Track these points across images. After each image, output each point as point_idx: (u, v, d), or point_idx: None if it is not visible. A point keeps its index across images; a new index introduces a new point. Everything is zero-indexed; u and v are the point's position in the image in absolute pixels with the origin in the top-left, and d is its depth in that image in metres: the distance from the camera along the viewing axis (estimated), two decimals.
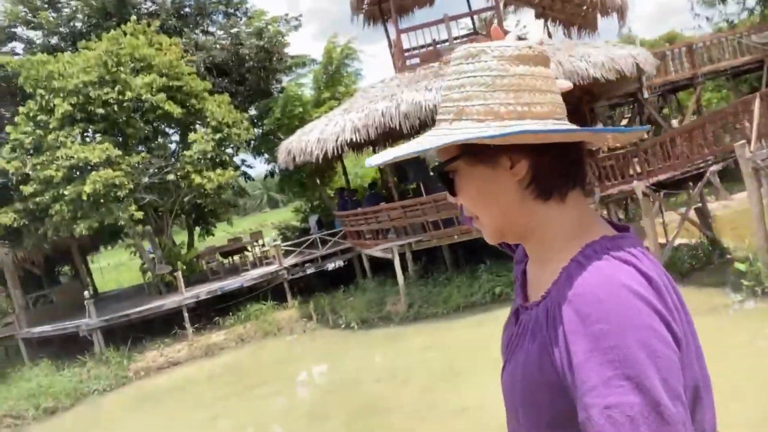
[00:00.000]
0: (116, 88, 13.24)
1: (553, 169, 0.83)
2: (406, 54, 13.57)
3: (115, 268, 38.22)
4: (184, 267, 15.21)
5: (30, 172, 13.25)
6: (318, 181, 18.11)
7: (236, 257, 17.12)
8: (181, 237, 19.88)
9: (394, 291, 12.56)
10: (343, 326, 12.48)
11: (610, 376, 0.67)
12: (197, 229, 19.25)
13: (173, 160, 14.56)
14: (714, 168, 9.59)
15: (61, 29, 16.04)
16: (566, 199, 0.85)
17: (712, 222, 10.83)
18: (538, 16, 17.13)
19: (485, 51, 0.82)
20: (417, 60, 13.37)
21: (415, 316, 11.73)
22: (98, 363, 12.93)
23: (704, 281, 9.85)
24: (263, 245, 17.24)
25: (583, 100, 14.57)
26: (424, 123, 10.58)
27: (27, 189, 13.14)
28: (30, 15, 15.36)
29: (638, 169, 10.41)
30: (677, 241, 10.35)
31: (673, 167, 9.55)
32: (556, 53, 10.69)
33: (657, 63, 12.30)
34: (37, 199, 13.00)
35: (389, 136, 12.13)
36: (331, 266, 17.06)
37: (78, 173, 12.89)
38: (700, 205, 10.63)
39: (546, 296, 0.82)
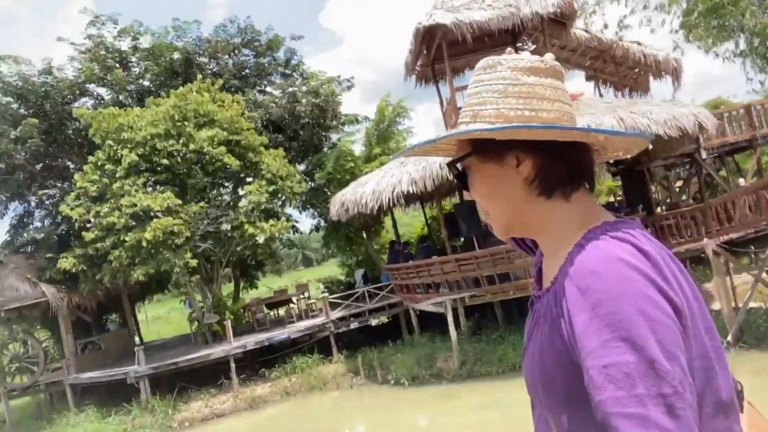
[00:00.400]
0: (180, 141, 13.81)
1: (556, 168, 0.88)
2: (460, 111, 13.84)
3: (153, 321, 38.75)
4: (232, 317, 15.23)
5: (92, 219, 13.74)
6: (365, 235, 18.21)
7: (281, 309, 17.15)
8: (225, 289, 20.10)
9: (446, 347, 12.21)
10: (392, 382, 12.11)
11: (607, 338, 0.71)
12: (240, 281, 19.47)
13: (228, 210, 14.89)
14: None
15: (129, 87, 17.00)
16: (570, 198, 0.90)
17: None
18: (588, 78, 17.38)
19: (501, 62, 0.91)
20: None
21: (468, 373, 11.31)
22: (144, 411, 12.81)
23: None
24: (309, 298, 17.19)
25: (640, 159, 14.46)
26: None
27: (88, 235, 13.57)
28: (102, 73, 16.36)
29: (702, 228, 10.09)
30: (750, 304, 9.84)
31: (746, 225, 9.22)
32: (617, 110, 10.71)
33: (717, 123, 12.14)
34: (98, 245, 13.38)
35: (441, 188, 12.16)
36: (374, 321, 16.86)
37: (139, 221, 13.27)
38: None
39: (554, 281, 0.87)
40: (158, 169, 13.92)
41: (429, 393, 11.39)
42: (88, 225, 14.05)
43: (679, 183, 16.99)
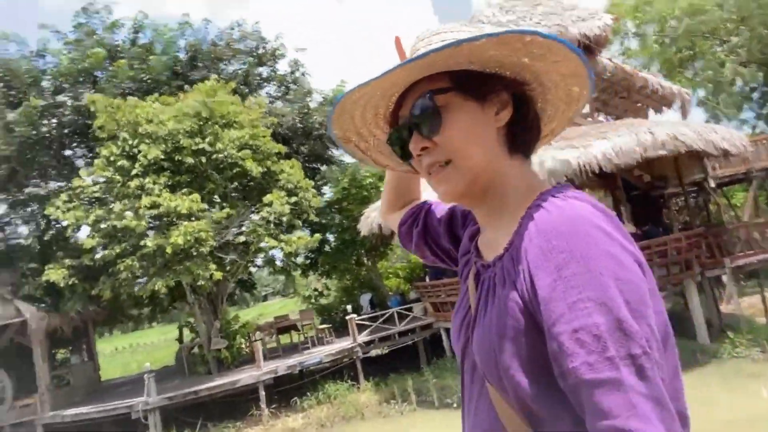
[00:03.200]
0: (206, 140, 12.37)
1: (526, 125, 0.87)
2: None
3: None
4: (242, 342, 13.54)
5: (90, 224, 11.74)
6: (366, 259, 17.29)
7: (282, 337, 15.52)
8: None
9: None
10: (455, 405, 11.13)
11: (574, 300, 0.68)
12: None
13: (246, 220, 13.46)
14: None
15: (123, 84, 15.15)
16: (527, 159, 0.89)
17: None
18: (593, 110, 18.09)
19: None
20: None
21: None
22: None
23: None
24: (314, 325, 15.74)
25: (654, 186, 15.06)
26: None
27: (89, 242, 11.57)
28: (91, 66, 14.45)
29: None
30: None
31: None
32: (656, 127, 10.85)
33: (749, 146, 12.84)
34: (105, 252, 11.40)
35: None
36: (374, 352, 15.76)
37: (159, 226, 11.54)
38: None
39: (509, 246, 0.82)
40: (180, 169, 12.31)
41: None
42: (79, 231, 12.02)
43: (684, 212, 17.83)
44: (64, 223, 11.87)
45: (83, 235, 12.99)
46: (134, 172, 11.71)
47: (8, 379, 11.94)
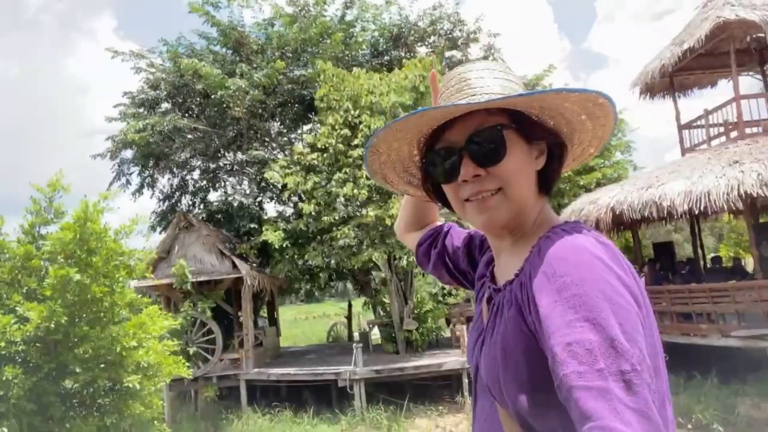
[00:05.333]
0: None
1: (556, 169, 0.95)
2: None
3: None
4: (434, 324, 13.23)
5: (308, 190, 11.95)
6: None
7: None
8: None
9: (739, 392, 10.10)
10: (690, 426, 9.93)
11: (571, 319, 0.72)
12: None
13: None
14: None
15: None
16: (549, 199, 0.97)
17: None
18: None
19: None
20: (759, 129, 12.01)
21: None
22: (356, 422, 10.65)
23: None
24: None
25: None
26: None
27: (307, 207, 11.76)
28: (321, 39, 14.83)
29: None
30: None
31: None
32: None
33: None
34: (324, 219, 11.53)
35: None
36: None
37: (372, 197, 11.47)
38: None
39: (519, 273, 0.88)
40: None
41: None
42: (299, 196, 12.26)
43: None
44: (279, 187, 12.14)
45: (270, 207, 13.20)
46: (356, 142, 11.75)
47: (219, 332, 12.46)
